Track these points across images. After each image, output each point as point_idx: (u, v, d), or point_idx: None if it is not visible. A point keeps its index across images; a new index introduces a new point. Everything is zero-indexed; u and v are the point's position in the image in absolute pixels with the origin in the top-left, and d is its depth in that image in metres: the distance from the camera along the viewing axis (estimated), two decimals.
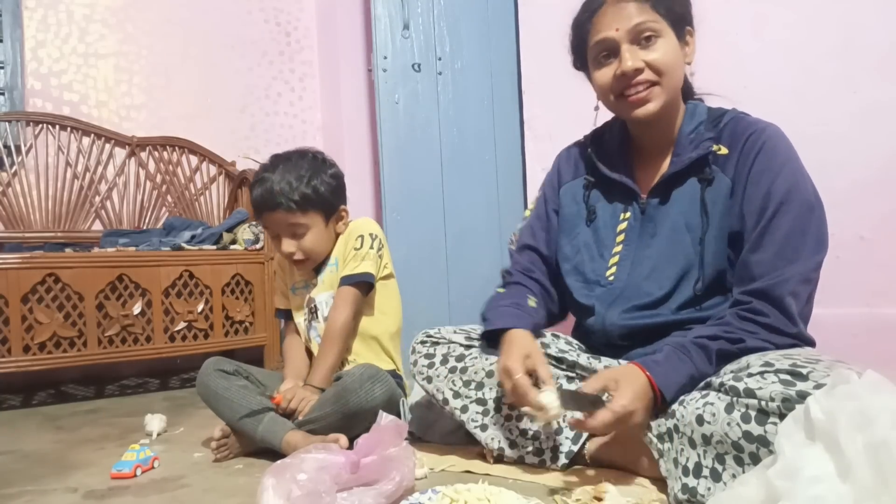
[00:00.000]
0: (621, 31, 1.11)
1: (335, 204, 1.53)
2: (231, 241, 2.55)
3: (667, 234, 1.17)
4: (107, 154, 2.74)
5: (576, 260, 1.27)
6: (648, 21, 1.10)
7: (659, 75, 1.12)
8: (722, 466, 0.90)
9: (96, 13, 2.77)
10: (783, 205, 1.05)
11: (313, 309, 1.55)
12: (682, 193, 1.17)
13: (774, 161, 1.09)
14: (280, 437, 1.29)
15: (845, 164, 1.59)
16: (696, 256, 1.14)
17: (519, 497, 0.94)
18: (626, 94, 1.14)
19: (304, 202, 1.46)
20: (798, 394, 0.83)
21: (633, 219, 1.22)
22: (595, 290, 1.23)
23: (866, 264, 1.57)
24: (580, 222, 1.28)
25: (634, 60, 1.11)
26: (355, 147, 3.05)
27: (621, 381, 0.99)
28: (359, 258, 1.50)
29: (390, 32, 2.41)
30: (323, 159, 1.55)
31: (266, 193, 1.46)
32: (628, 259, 1.21)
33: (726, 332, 1.02)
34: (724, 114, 1.18)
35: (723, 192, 1.12)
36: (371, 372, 1.33)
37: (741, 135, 1.13)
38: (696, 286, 1.13)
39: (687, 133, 1.18)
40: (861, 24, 1.58)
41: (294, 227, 1.48)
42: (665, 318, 1.15)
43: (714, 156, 1.14)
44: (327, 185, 1.50)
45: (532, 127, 2.34)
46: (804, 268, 1.03)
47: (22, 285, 1.99)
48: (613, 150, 1.27)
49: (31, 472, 1.37)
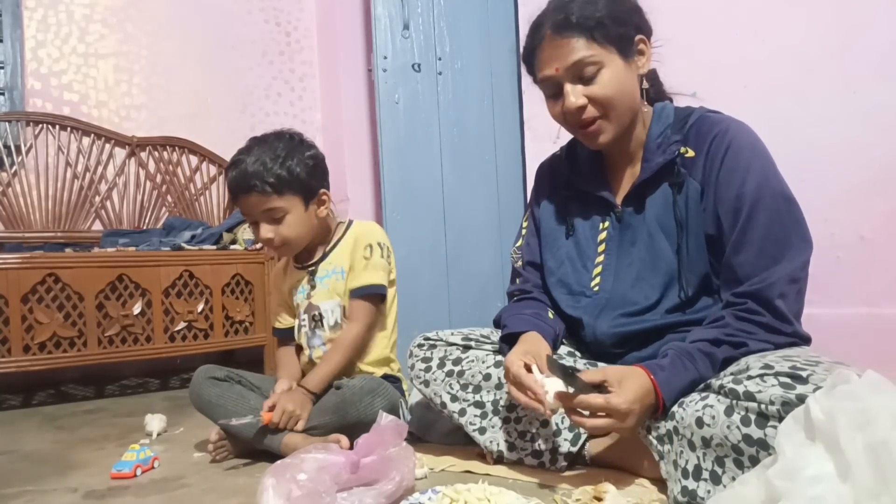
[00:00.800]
0: (561, 70, 1.11)
1: (314, 186, 1.46)
2: (231, 241, 2.55)
3: (645, 242, 1.17)
4: (107, 154, 2.74)
5: (560, 273, 1.27)
6: (586, 57, 1.08)
7: (603, 108, 1.11)
8: (722, 469, 0.90)
9: (96, 13, 2.77)
10: (757, 202, 1.05)
11: (317, 317, 1.49)
12: (655, 200, 1.16)
13: (742, 159, 1.08)
14: (279, 439, 1.28)
15: (845, 164, 1.59)
16: (676, 264, 1.13)
17: (519, 497, 0.94)
18: (579, 126, 1.15)
19: (280, 184, 1.39)
20: (798, 397, 0.83)
21: (612, 228, 1.22)
22: (581, 302, 1.23)
23: (867, 264, 1.57)
24: (560, 236, 1.28)
25: (577, 97, 1.10)
26: (355, 147, 3.05)
27: (624, 380, 0.98)
28: (370, 268, 1.47)
29: (390, 32, 2.41)
30: (301, 140, 1.49)
31: (239, 176, 1.39)
32: (611, 268, 1.20)
33: (728, 336, 1.01)
34: (691, 114, 1.17)
35: (693, 196, 1.12)
36: (372, 385, 1.32)
37: (706, 135, 1.12)
38: (680, 294, 1.13)
39: (654, 138, 1.17)
40: (861, 24, 1.58)
41: (271, 211, 1.40)
42: (654, 323, 1.15)
43: (682, 159, 1.13)
44: (304, 166, 1.43)
45: (532, 127, 2.34)
46: (790, 268, 1.03)
47: (22, 285, 1.99)
48: (586, 161, 1.27)
49: (31, 472, 1.37)
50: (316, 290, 1.50)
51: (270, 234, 1.42)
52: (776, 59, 1.72)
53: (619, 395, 0.96)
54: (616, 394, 0.96)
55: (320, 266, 1.52)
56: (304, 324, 1.51)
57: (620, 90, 1.11)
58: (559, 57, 1.10)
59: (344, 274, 1.49)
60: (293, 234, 1.44)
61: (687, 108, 1.20)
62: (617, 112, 1.12)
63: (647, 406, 0.98)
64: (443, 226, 2.44)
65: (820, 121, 1.63)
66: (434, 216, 2.43)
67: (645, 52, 1.15)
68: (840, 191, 1.59)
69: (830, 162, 1.60)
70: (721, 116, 1.15)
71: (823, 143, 1.61)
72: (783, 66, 1.71)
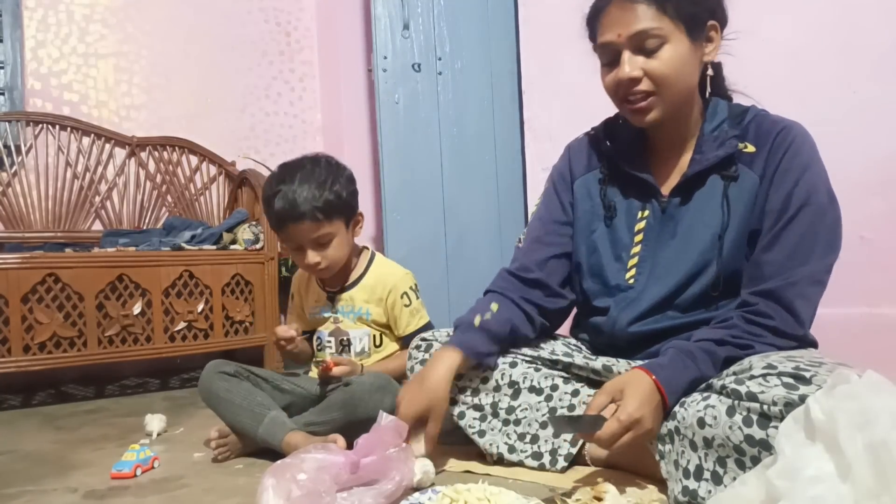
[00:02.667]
0: (623, 38, 1.07)
1: (355, 208, 1.51)
2: (231, 241, 2.55)
3: (685, 234, 1.14)
4: (107, 154, 2.74)
5: (591, 260, 1.22)
6: (652, 28, 1.05)
7: (658, 85, 1.07)
8: (723, 469, 0.90)
9: (96, 13, 2.77)
10: (802, 208, 1.04)
11: (345, 342, 1.53)
12: (703, 193, 1.13)
13: (799, 161, 1.07)
14: (280, 437, 1.28)
15: (845, 163, 1.59)
16: (713, 254, 1.10)
17: (519, 497, 0.94)
18: (627, 100, 1.11)
19: (330, 210, 1.41)
20: (800, 398, 0.82)
21: (653, 217, 1.17)
22: (616, 296, 1.19)
23: (867, 264, 1.57)
24: (596, 220, 1.23)
25: (633, 69, 1.07)
26: (355, 147, 3.05)
27: (626, 388, 0.97)
28: (414, 313, 1.53)
29: (390, 32, 2.41)
30: (336, 163, 1.50)
31: (289, 206, 1.39)
32: (648, 261, 1.17)
33: (734, 337, 1.01)
34: (747, 111, 1.16)
35: (749, 189, 1.10)
36: (381, 382, 1.33)
37: (769, 132, 1.11)
38: (711, 285, 1.10)
39: (710, 131, 1.14)
40: (860, 24, 1.58)
41: (320, 237, 1.43)
42: (673, 322, 1.13)
43: (740, 153, 1.11)
44: (347, 190, 1.46)
45: (532, 127, 2.34)
46: (814, 269, 1.02)
47: (22, 285, 1.99)
48: (628, 145, 1.22)
49: (31, 472, 1.36)
50: (342, 319, 1.55)
51: (318, 258, 1.44)
52: (776, 59, 1.72)
53: (627, 406, 0.94)
54: (622, 407, 0.95)
55: (342, 296, 1.55)
56: (328, 345, 1.54)
57: (680, 70, 1.07)
58: (625, 22, 1.06)
59: (369, 316, 1.53)
60: (338, 256, 1.47)
61: (739, 106, 1.18)
62: (671, 92, 1.08)
63: (656, 404, 0.97)
64: (443, 226, 2.44)
65: (819, 120, 1.62)
66: (434, 216, 2.43)
67: (714, 39, 1.12)
68: (839, 190, 1.58)
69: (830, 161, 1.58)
70: (780, 117, 1.14)
71: (823, 143, 1.60)
72: (783, 65, 1.70)
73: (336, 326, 1.54)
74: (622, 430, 0.94)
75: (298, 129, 3.28)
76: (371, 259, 1.59)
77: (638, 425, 0.94)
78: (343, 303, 1.54)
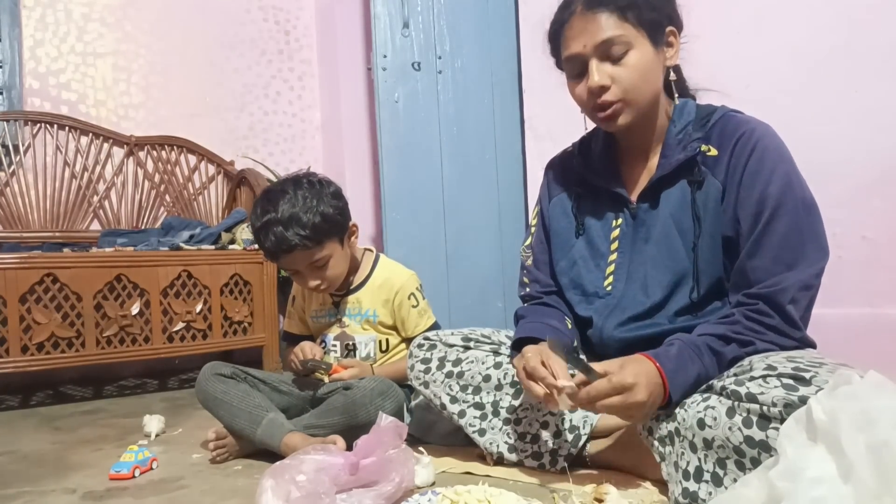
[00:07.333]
0: (589, 48, 1.08)
1: (346, 223, 1.50)
2: (230, 241, 2.55)
3: (659, 239, 1.14)
4: (105, 153, 2.73)
5: (572, 273, 1.25)
6: (616, 35, 1.06)
7: (626, 90, 1.09)
8: (723, 471, 0.90)
9: (94, 12, 2.77)
10: (779, 208, 1.03)
11: (350, 346, 1.54)
12: (671, 196, 1.14)
13: (767, 162, 1.06)
14: (279, 439, 1.28)
15: (847, 163, 1.59)
16: (689, 263, 1.11)
17: (519, 498, 0.93)
18: (598, 107, 1.12)
19: (319, 234, 1.41)
20: (800, 399, 0.82)
21: (626, 224, 1.19)
22: (594, 303, 1.20)
23: (869, 264, 1.56)
24: (572, 236, 1.26)
25: (602, 77, 1.08)
26: (355, 147, 3.04)
27: (626, 363, 0.97)
28: (421, 313, 1.55)
29: (390, 31, 2.40)
30: (319, 181, 1.49)
31: (277, 239, 1.39)
32: (624, 267, 1.18)
33: (736, 333, 1.00)
34: (713, 112, 1.15)
35: (713, 195, 1.10)
36: (382, 387, 1.33)
37: (731, 135, 1.10)
38: (691, 294, 1.11)
39: (675, 134, 1.14)
40: (863, 24, 1.58)
41: (315, 262, 1.43)
42: (661, 328, 1.13)
43: (703, 157, 1.11)
44: (334, 207, 1.44)
45: (532, 126, 2.34)
46: (805, 275, 1.01)
47: (20, 285, 1.99)
48: (600, 157, 1.24)
49: (30, 472, 1.36)
50: (348, 325, 1.56)
51: (317, 281, 1.46)
52: (778, 59, 1.72)
53: (622, 373, 0.94)
54: (617, 373, 0.95)
55: (348, 299, 1.56)
56: (333, 349, 1.55)
57: (645, 75, 1.09)
58: (589, 32, 1.08)
59: (376, 318, 1.54)
60: (337, 273, 1.49)
61: (709, 106, 1.17)
62: (639, 97, 1.10)
63: (655, 386, 0.95)
64: (443, 225, 2.43)
65: (822, 120, 1.63)
66: (434, 216, 2.42)
67: (674, 44, 1.14)
68: (842, 190, 1.58)
69: (832, 161, 1.59)
70: (746, 117, 1.13)
71: (825, 143, 1.61)
72: (785, 65, 1.70)
73: (342, 331, 1.55)
74: (610, 391, 0.93)
75: (297, 129, 3.27)
76: (376, 260, 1.59)
77: (629, 392, 0.93)
78: (350, 305, 1.55)
